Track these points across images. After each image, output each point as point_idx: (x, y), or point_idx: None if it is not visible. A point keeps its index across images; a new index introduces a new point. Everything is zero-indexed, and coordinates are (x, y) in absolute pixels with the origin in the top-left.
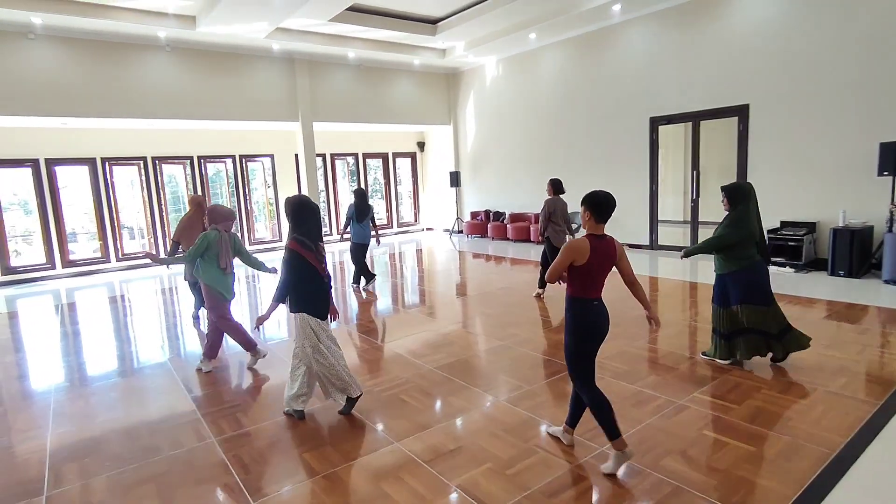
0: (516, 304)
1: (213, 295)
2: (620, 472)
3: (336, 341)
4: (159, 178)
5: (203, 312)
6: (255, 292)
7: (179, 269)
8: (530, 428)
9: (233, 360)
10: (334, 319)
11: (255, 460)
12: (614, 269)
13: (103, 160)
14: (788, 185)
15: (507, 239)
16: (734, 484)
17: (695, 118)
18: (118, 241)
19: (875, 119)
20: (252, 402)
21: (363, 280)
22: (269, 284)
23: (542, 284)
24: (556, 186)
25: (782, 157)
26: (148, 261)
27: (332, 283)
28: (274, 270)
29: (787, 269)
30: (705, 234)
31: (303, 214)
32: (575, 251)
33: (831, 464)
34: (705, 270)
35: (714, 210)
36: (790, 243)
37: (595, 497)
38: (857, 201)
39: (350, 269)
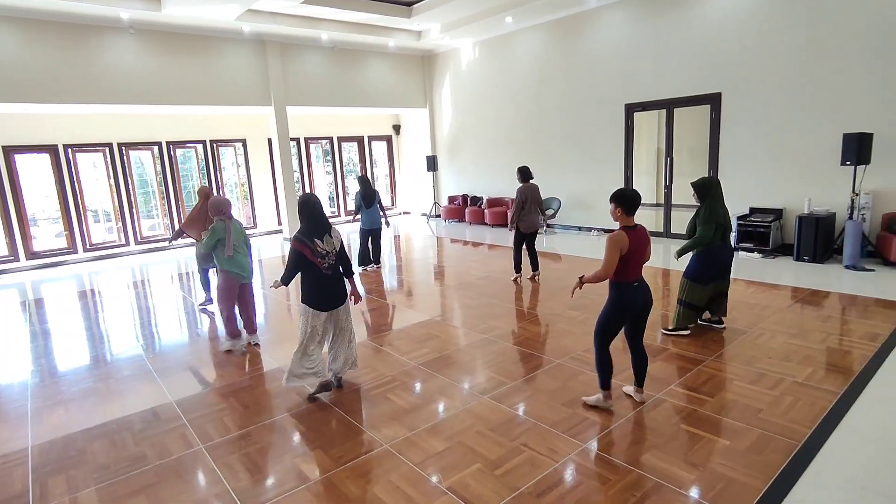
0: (496, 294)
1: (230, 277)
2: (599, 469)
3: (329, 335)
4: (126, 166)
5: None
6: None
7: (156, 259)
8: (515, 426)
9: (210, 361)
10: (355, 303)
11: (246, 468)
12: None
13: (66, 147)
14: (758, 172)
15: (485, 223)
16: (711, 479)
17: (669, 105)
18: (85, 231)
19: (840, 110)
20: (237, 406)
21: (365, 263)
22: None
23: (519, 269)
24: (525, 174)
25: (752, 145)
26: (118, 243)
27: (352, 269)
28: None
29: (756, 254)
30: (677, 216)
31: (302, 212)
32: (619, 243)
33: (797, 455)
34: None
35: (685, 194)
36: (759, 229)
37: (581, 495)
38: (821, 189)
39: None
